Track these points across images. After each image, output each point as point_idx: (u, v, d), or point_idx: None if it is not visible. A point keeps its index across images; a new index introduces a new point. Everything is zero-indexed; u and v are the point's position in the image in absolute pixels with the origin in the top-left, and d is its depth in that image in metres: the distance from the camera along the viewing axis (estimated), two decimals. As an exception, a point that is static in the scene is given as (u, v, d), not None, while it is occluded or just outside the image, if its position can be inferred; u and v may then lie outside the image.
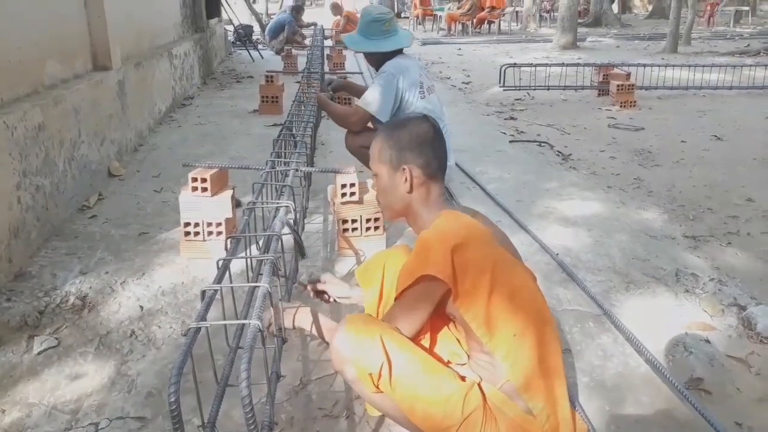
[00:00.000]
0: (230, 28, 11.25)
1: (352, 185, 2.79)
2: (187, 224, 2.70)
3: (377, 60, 3.30)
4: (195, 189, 2.67)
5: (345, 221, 2.82)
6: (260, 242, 2.19)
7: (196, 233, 2.71)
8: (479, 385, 1.46)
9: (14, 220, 2.59)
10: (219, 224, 2.70)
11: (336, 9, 13.50)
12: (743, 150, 4.68)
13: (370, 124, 3.31)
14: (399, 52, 3.30)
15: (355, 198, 2.79)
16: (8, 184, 2.57)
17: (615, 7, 21.96)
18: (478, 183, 3.80)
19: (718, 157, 4.51)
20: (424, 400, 1.39)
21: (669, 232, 3.09)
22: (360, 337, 1.42)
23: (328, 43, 11.06)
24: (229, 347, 1.70)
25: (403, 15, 21.12)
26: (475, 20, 16.23)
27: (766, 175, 4.05)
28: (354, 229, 2.83)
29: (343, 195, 2.79)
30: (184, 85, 6.48)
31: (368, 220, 2.84)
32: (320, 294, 1.97)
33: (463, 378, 1.48)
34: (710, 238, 3.04)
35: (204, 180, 2.65)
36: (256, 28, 13.44)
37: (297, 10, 12.02)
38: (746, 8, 20.65)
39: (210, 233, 2.71)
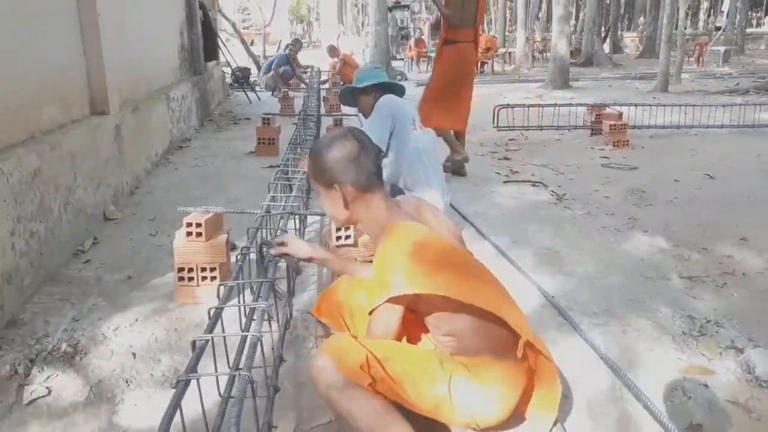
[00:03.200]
0: (228, 70, 11.42)
1: (347, 228, 2.80)
2: (180, 269, 2.69)
3: (369, 104, 3.38)
4: (189, 234, 2.67)
5: (340, 265, 2.81)
6: (254, 287, 2.18)
7: (190, 278, 2.70)
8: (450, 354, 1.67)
9: (8, 266, 2.58)
10: (213, 269, 2.69)
11: (333, 51, 13.74)
12: (736, 189, 4.71)
13: None
14: (388, 91, 3.41)
15: (350, 241, 2.80)
16: (2, 231, 2.57)
17: (606, 47, 22.41)
18: (473, 224, 3.81)
19: (711, 196, 4.53)
20: (412, 372, 1.55)
21: (664, 273, 3.09)
22: (337, 346, 1.55)
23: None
24: (220, 397, 1.68)
25: (398, 56, 21.48)
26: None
27: (760, 214, 4.07)
28: (349, 273, 2.82)
29: (338, 238, 2.80)
30: (181, 128, 6.55)
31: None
32: (284, 255, 2.05)
33: None
34: (706, 279, 3.03)
35: (198, 225, 2.65)
36: (254, 70, 13.64)
37: (292, 46, 12.33)
38: (734, 47, 21.11)
39: (204, 278, 2.70)
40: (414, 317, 1.73)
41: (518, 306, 1.77)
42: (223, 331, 1.71)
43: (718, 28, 24.32)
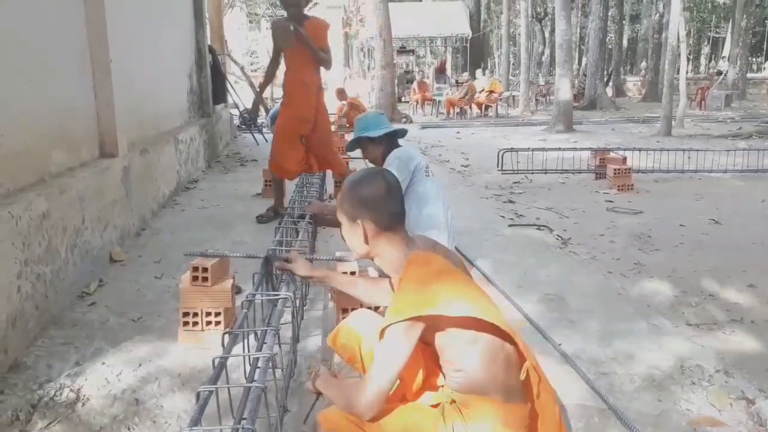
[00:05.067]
0: (236, 112, 11.58)
1: (353, 273, 2.79)
2: (186, 314, 2.69)
3: (378, 152, 3.41)
4: (195, 278, 2.67)
5: (345, 309, 2.81)
6: (258, 333, 2.17)
7: (195, 323, 2.69)
8: (452, 401, 1.67)
9: (13, 310, 2.58)
10: (218, 314, 2.68)
11: (340, 95, 13.91)
12: (742, 234, 4.70)
13: None
14: (396, 144, 3.45)
15: (355, 286, 2.79)
16: (9, 274, 2.58)
17: (609, 91, 22.70)
18: (479, 268, 3.80)
19: (717, 242, 4.52)
20: None
21: (672, 320, 3.06)
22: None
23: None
24: (224, 448, 1.66)
25: (403, 99, 21.75)
26: (474, 104, 16.77)
27: (767, 260, 4.05)
28: (354, 318, 2.81)
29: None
30: (188, 169, 6.61)
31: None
32: (285, 271, 2.24)
33: (434, 406, 1.71)
34: (714, 326, 3.00)
35: (205, 269, 2.66)
36: (261, 112, 13.81)
37: None
38: (736, 91, 21.34)
39: (209, 323, 2.69)
40: (431, 352, 1.76)
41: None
42: (228, 380, 1.70)
43: (719, 73, 24.64)
